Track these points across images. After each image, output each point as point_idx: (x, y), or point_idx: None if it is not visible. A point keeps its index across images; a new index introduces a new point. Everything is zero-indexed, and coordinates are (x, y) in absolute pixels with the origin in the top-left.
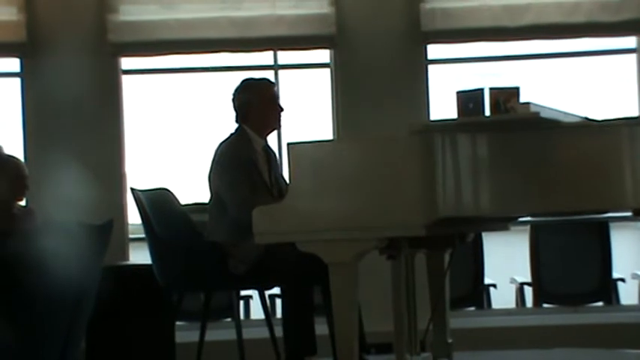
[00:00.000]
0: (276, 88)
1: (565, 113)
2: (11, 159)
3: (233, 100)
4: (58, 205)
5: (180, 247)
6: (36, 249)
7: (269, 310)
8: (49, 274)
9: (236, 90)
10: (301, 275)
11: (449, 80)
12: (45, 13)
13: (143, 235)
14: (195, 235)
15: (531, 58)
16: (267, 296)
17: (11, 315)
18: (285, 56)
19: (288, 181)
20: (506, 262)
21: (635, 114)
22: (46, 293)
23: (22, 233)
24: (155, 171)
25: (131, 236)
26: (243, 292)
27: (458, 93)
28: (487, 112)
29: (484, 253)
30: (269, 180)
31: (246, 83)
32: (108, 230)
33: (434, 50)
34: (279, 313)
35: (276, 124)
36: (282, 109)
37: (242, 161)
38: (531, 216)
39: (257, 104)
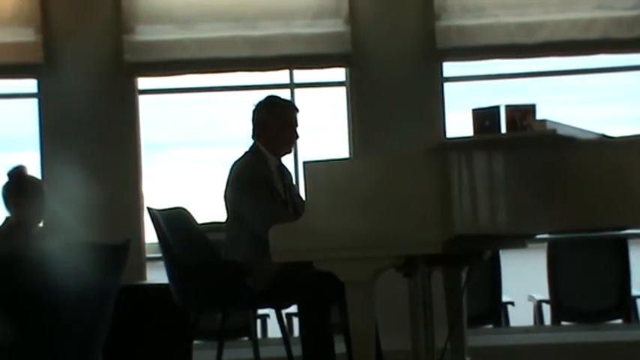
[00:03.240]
0: (298, 114)
1: (582, 130)
2: (33, 180)
3: (253, 112)
4: (76, 225)
5: (197, 267)
6: (53, 270)
7: (286, 329)
8: (65, 295)
9: (258, 104)
10: (318, 294)
11: (465, 98)
12: (61, 34)
13: (160, 255)
14: (212, 254)
15: (547, 75)
16: (284, 315)
17: (27, 336)
18: (301, 74)
19: (304, 199)
20: (524, 279)
21: None
22: (63, 314)
23: (39, 254)
24: (172, 190)
25: (148, 256)
26: (260, 311)
27: (474, 111)
28: (503, 130)
29: (501, 271)
30: (284, 198)
31: (269, 100)
32: (125, 250)
33: (449, 68)
34: (296, 332)
35: (288, 148)
36: (297, 136)
37: (260, 179)
38: (549, 233)
39: (275, 125)
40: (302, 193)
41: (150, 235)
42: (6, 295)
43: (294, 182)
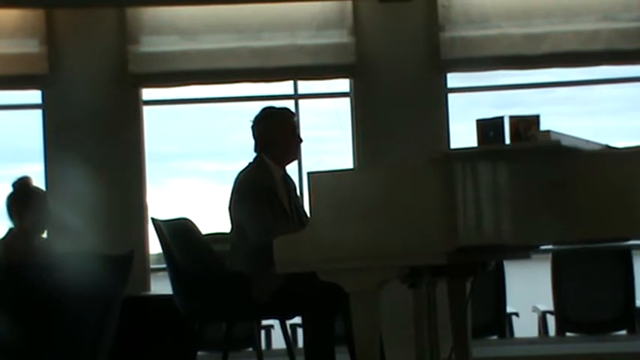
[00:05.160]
0: (296, 118)
1: (586, 141)
2: (37, 191)
3: (253, 128)
4: (79, 236)
5: (201, 277)
6: (56, 280)
7: (290, 340)
8: (68, 306)
9: (256, 118)
10: (322, 304)
11: (469, 109)
12: (66, 45)
13: (165, 266)
14: (216, 265)
15: (551, 86)
16: (288, 326)
17: (30, 346)
18: (305, 85)
19: (308, 210)
20: (529, 290)
21: None
22: (66, 325)
23: (42, 265)
24: (176, 201)
25: (152, 266)
26: (264, 322)
27: (478, 121)
28: (507, 141)
29: (506, 282)
30: (289, 209)
31: (266, 112)
32: (129, 261)
33: (453, 79)
34: (300, 343)
35: (295, 155)
36: (301, 140)
37: (262, 190)
38: (553, 244)
39: (277, 134)
40: (306, 204)
41: (154, 246)
42: (10, 304)
43: (298, 192)
